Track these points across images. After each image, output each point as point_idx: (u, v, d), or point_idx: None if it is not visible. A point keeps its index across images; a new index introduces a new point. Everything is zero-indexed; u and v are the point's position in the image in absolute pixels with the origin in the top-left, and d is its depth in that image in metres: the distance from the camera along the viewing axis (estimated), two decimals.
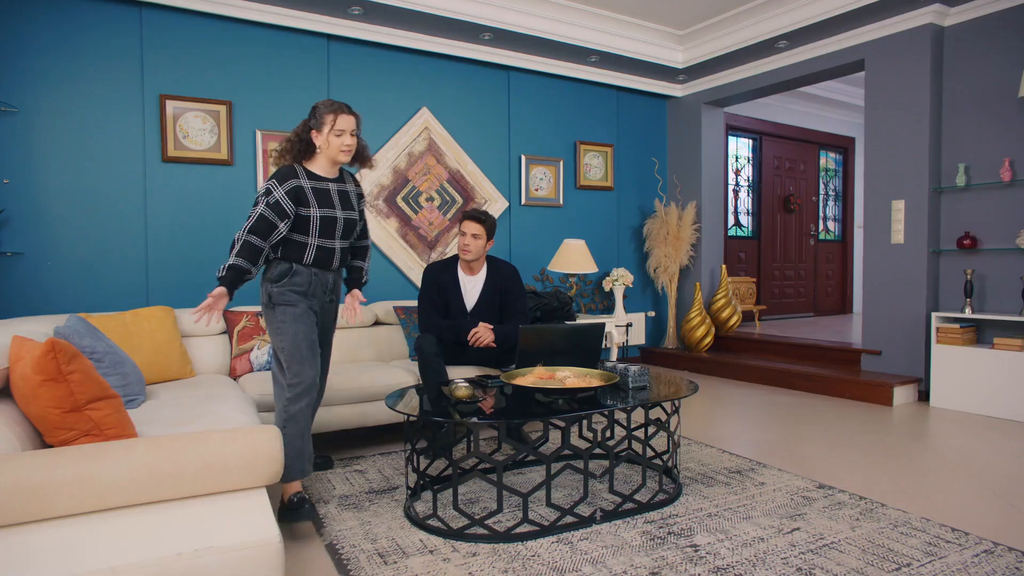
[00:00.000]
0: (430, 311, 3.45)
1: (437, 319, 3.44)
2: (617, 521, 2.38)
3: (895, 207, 4.62)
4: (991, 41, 4.24)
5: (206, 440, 1.79)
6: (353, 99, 4.64)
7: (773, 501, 2.58)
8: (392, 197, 4.80)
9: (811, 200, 8.31)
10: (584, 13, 4.99)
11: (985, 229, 4.31)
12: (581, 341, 2.85)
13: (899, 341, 4.64)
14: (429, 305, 3.46)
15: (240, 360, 3.44)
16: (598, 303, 5.86)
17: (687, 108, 6.23)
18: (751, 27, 5.05)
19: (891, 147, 4.66)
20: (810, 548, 2.14)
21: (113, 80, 3.90)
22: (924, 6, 4.34)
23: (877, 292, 4.77)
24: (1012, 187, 4.17)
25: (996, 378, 4.01)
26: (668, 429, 2.64)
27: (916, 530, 2.28)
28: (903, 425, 3.84)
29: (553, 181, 5.61)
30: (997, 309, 4.25)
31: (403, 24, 4.56)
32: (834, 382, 4.68)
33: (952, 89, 4.45)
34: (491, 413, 2.39)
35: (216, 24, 4.17)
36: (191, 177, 4.13)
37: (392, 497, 2.66)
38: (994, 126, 4.24)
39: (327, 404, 3.22)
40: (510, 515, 2.40)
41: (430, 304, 3.46)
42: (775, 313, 7.91)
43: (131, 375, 2.61)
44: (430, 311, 3.45)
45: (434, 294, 3.47)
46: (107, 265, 3.91)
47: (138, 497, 1.68)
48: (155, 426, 2.18)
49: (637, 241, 6.21)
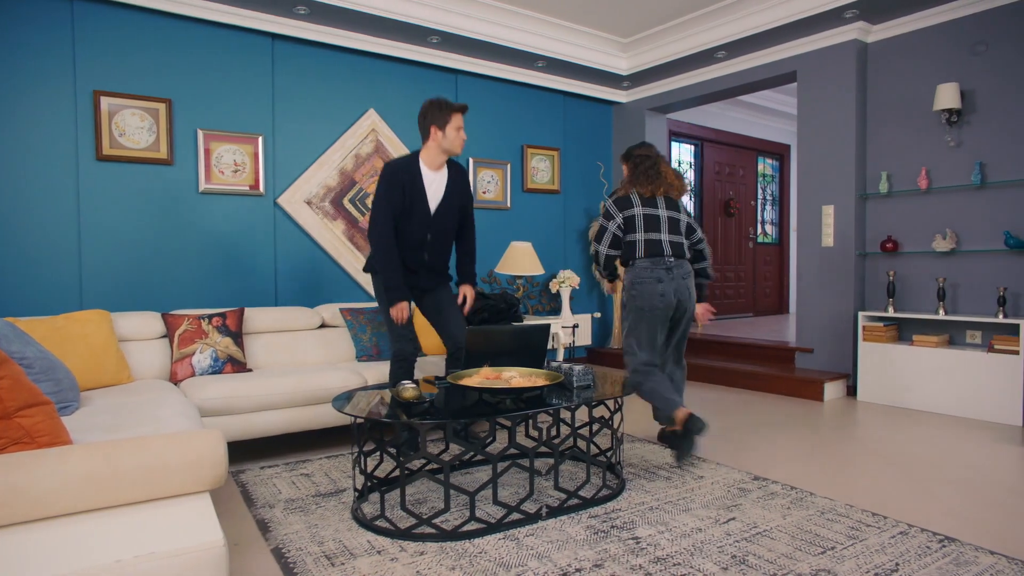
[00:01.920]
0: (389, 223, 3.04)
1: (393, 240, 3.07)
2: (562, 517, 2.44)
3: (825, 212, 4.87)
4: (910, 57, 4.53)
5: (146, 445, 1.76)
6: (298, 100, 4.60)
7: (711, 493, 2.69)
8: (339, 199, 4.76)
9: (750, 204, 8.63)
10: (531, 19, 5.07)
11: (905, 233, 4.59)
12: (527, 342, 2.91)
13: (829, 339, 4.89)
14: (389, 213, 3.04)
15: (181, 364, 3.35)
16: (545, 304, 5.95)
17: (632, 114, 6.39)
18: (692, 37, 5.24)
19: (821, 155, 4.91)
20: (744, 536, 2.26)
21: (43, 75, 3.75)
22: (849, 23, 4.60)
23: (809, 292, 5.02)
24: (928, 195, 4.46)
25: (915, 373, 4.28)
26: (611, 427, 2.73)
27: (841, 516, 2.43)
28: (832, 419, 4.06)
29: (500, 184, 5.67)
30: (916, 308, 4.54)
31: (350, 25, 4.54)
32: (770, 379, 4.89)
33: (875, 101, 4.73)
34: (438, 414, 2.42)
35: (155, 20, 4.06)
36: (128, 177, 4.00)
37: (339, 499, 2.65)
38: (913, 137, 4.53)
39: (272, 407, 3.19)
40: (457, 514, 2.44)
41: (390, 210, 3.04)
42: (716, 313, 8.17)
43: (64, 381, 2.52)
44: (389, 223, 3.04)
45: (396, 196, 3.05)
46: (37, 268, 3.75)
47: (75, 506, 1.65)
48: (91, 433, 2.12)
49: (583, 243, 6.33)
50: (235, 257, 4.36)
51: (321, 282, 4.72)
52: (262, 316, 3.81)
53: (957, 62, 4.29)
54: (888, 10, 4.39)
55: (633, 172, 3.39)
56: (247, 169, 4.37)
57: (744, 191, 8.55)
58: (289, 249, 4.58)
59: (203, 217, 4.24)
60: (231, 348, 3.48)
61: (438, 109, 3.06)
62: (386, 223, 3.05)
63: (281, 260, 4.55)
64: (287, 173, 4.56)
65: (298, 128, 4.61)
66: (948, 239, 4.29)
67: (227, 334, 3.50)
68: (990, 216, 4.18)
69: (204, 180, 4.21)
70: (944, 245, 4.29)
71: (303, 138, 4.63)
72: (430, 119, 3.06)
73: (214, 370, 3.39)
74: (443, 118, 3.05)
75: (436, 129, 3.05)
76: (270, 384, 3.18)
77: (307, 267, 4.66)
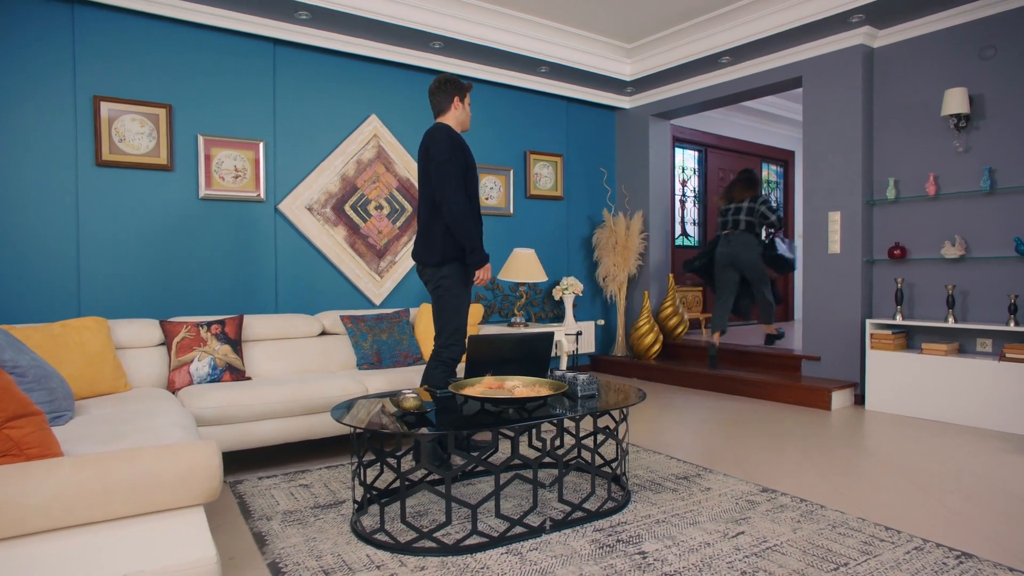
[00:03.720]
0: (462, 186, 2.98)
1: (474, 221, 3.01)
2: (567, 530, 2.38)
3: (832, 218, 4.82)
4: (917, 62, 4.48)
5: (138, 457, 1.71)
6: (300, 105, 4.56)
7: (719, 506, 2.63)
8: (340, 205, 4.72)
9: None
10: (534, 24, 5.04)
11: (913, 240, 4.53)
12: (530, 350, 2.86)
13: (836, 347, 4.83)
14: (461, 176, 2.98)
15: (179, 372, 3.30)
16: (548, 312, 5.89)
17: (635, 120, 6.35)
18: (696, 42, 5.20)
19: (827, 161, 4.86)
20: (754, 551, 2.19)
21: (43, 79, 3.72)
22: (855, 28, 4.56)
23: (816, 300, 4.96)
24: (936, 200, 4.40)
25: (925, 381, 4.21)
26: (616, 437, 2.67)
27: (853, 530, 2.36)
28: (840, 428, 3.99)
29: (503, 190, 5.63)
30: (925, 316, 4.47)
31: (351, 30, 4.51)
32: (776, 387, 4.82)
33: (882, 107, 4.68)
34: (439, 424, 2.36)
35: (156, 25, 4.03)
36: (128, 182, 3.97)
37: (338, 511, 2.59)
38: (920, 142, 4.48)
39: (271, 416, 3.13)
40: (459, 527, 2.38)
41: (461, 174, 2.99)
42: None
43: (58, 390, 2.47)
44: (462, 186, 2.98)
45: (462, 159, 3.01)
46: (36, 274, 3.71)
47: (62, 520, 1.60)
48: (84, 444, 2.06)
49: (586, 250, 6.28)
50: (236, 264, 4.32)
51: (322, 289, 4.67)
52: (262, 323, 3.76)
53: (965, 67, 4.24)
54: (895, 15, 4.35)
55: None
56: (248, 175, 4.34)
57: None
58: (290, 256, 4.54)
59: (203, 224, 4.20)
60: (230, 356, 3.43)
61: (456, 81, 3.15)
62: (460, 186, 2.97)
63: (282, 267, 4.50)
64: (288, 179, 4.53)
65: (299, 133, 4.58)
66: (957, 246, 4.23)
67: (226, 341, 3.45)
68: (1000, 222, 4.11)
69: (204, 186, 4.18)
70: (953, 252, 4.23)
71: (304, 144, 4.60)
72: (452, 90, 3.13)
73: (212, 378, 3.34)
74: (463, 91, 3.16)
75: (458, 99, 3.14)
76: (269, 393, 3.13)
77: (308, 274, 4.61)
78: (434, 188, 3.00)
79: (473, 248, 3.01)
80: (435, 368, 3.08)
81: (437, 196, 2.98)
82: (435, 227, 3.04)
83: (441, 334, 3.09)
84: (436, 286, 3.07)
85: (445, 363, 3.07)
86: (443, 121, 3.13)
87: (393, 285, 4.96)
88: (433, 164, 2.99)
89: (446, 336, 3.08)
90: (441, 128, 3.03)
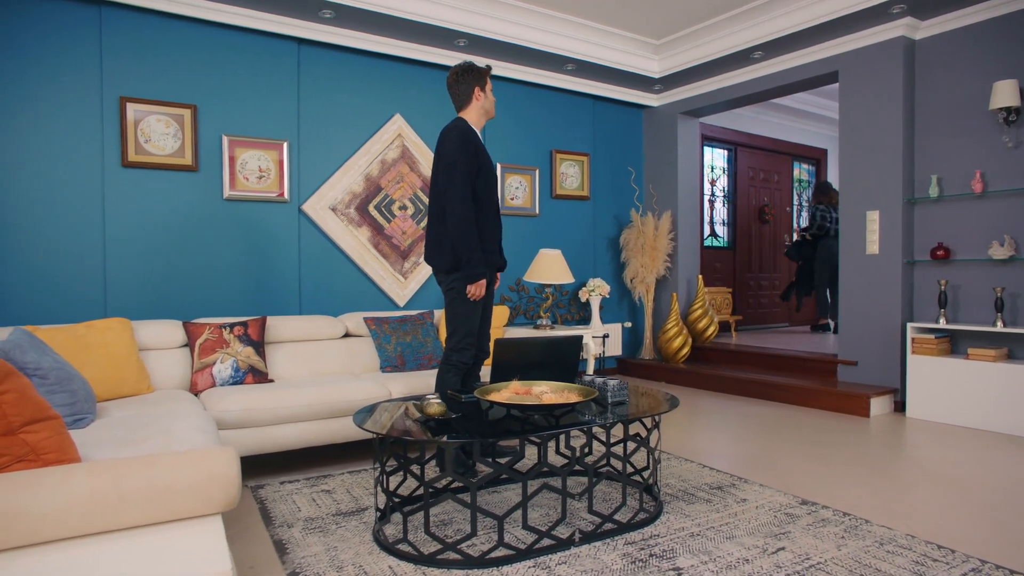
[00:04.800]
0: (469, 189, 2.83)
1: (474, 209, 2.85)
2: (597, 543, 2.28)
3: (870, 218, 4.63)
4: (962, 54, 4.28)
5: (154, 464, 1.65)
6: (324, 105, 4.53)
7: (756, 519, 2.50)
8: (364, 205, 4.67)
9: (785, 211, 8.36)
10: (561, 21, 4.94)
11: (958, 240, 4.33)
12: (558, 354, 2.76)
13: (875, 351, 4.64)
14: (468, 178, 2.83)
15: (202, 374, 3.27)
16: (574, 314, 5.78)
17: (663, 118, 6.21)
18: (727, 37, 5.05)
19: (866, 158, 4.67)
20: (796, 570, 2.06)
21: (70, 81, 3.73)
22: (896, 19, 4.38)
23: (853, 302, 4.77)
24: (983, 199, 4.20)
25: (971, 389, 4.01)
26: (648, 445, 2.56)
27: (903, 548, 2.22)
28: (881, 436, 3.82)
29: (529, 190, 5.54)
30: (971, 320, 4.27)
31: (376, 29, 4.46)
32: (811, 393, 4.65)
33: (924, 101, 4.48)
34: (465, 431, 2.28)
35: (181, 25, 4.02)
36: (153, 183, 3.96)
37: (361, 519, 2.52)
38: (965, 138, 4.28)
39: (293, 420, 3.08)
40: (484, 538, 2.29)
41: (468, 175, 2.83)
42: (751, 323, 7.91)
43: (80, 392, 2.44)
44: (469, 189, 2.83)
45: (473, 161, 2.85)
46: (62, 275, 3.71)
47: (78, 529, 1.55)
48: (102, 448, 2.02)
49: (613, 251, 6.16)
50: (259, 265, 4.29)
51: (345, 290, 4.62)
52: (285, 325, 3.72)
53: (1015, 58, 4.04)
54: (938, 5, 4.16)
55: None
56: (272, 175, 4.31)
57: (779, 197, 8.28)
58: (313, 257, 4.50)
59: (227, 224, 4.18)
60: (252, 358, 3.39)
61: (473, 70, 3.01)
62: (466, 190, 2.82)
63: (305, 268, 4.47)
64: (312, 179, 4.49)
65: (323, 133, 4.54)
66: (1006, 246, 4.02)
67: (249, 343, 3.42)
68: None
69: (228, 187, 4.16)
70: (1002, 252, 4.02)
71: (328, 144, 4.56)
72: (471, 80, 2.99)
73: (235, 380, 3.30)
74: (482, 79, 3.02)
75: (479, 90, 3.01)
76: (291, 396, 3.08)
77: (331, 275, 4.57)
78: (440, 190, 2.92)
79: (468, 260, 2.85)
80: (447, 372, 3.02)
81: (442, 199, 2.91)
82: (444, 230, 2.95)
83: (451, 338, 3.01)
84: (448, 289, 2.99)
85: (456, 367, 3.01)
86: (465, 115, 3.02)
87: (417, 286, 4.90)
88: (442, 165, 2.91)
89: (456, 340, 3.00)
90: (456, 127, 2.93)
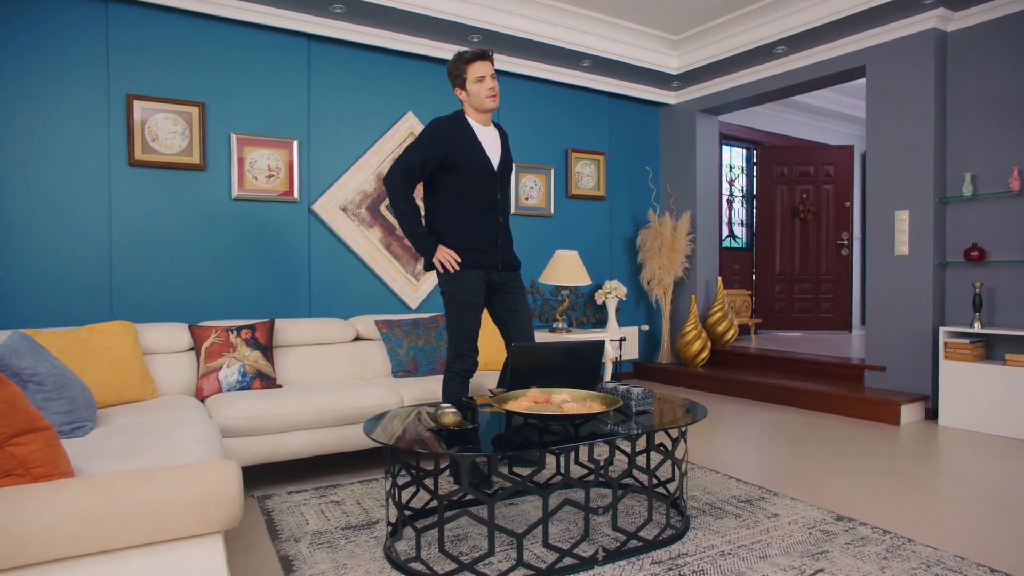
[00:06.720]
0: (404, 172, 2.76)
1: (407, 186, 2.78)
2: (621, 562, 2.14)
3: (899, 217, 4.46)
4: (997, 47, 4.10)
5: (150, 480, 1.54)
6: (335, 103, 4.42)
7: (791, 536, 2.35)
8: (375, 205, 4.56)
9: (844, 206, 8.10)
10: (576, 16, 4.81)
11: (994, 240, 4.15)
12: (578, 360, 2.62)
13: (904, 357, 4.46)
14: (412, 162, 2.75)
15: (207, 379, 3.17)
16: (590, 317, 5.64)
17: (681, 115, 6.06)
18: (748, 32, 4.90)
19: (894, 156, 4.50)
20: None
21: (75, 78, 3.64)
22: (928, 11, 4.21)
23: (880, 306, 4.60)
24: (1021, 197, 4.02)
25: (1009, 396, 3.83)
26: (674, 457, 2.41)
27: (951, 571, 2.06)
28: (914, 446, 3.64)
29: (543, 190, 5.41)
30: (1008, 324, 4.09)
31: (387, 25, 4.35)
32: (837, 399, 4.48)
33: (957, 96, 4.30)
34: (480, 444, 2.14)
35: (189, 21, 3.93)
36: (160, 182, 3.87)
37: (371, 534, 2.40)
38: (1001, 134, 4.10)
39: (302, 428, 2.97)
40: (502, 556, 2.16)
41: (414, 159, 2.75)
42: (770, 327, 7.72)
43: (79, 399, 2.34)
44: (404, 172, 2.76)
45: (430, 151, 2.75)
46: (67, 277, 3.63)
47: (67, 549, 1.43)
48: (99, 459, 1.91)
49: (630, 252, 6.01)
50: (268, 266, 4.19)
51: (356, 292, 4.51)
52: (293, 328, 3.61)
53: None
54: None
55: None
56: (281, 175, 4.21)
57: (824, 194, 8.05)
58: (324, 258, 4.39)
59: (236, 225, 4.08)
60: (260, 362, 3.28)
61: (453, 66, 2.82)
62: (405, 170, 2.77)
63: (315, 269, 4.36)
64: (322, 179, 4.39)
65: (334, 132, 4.43)
66: None
67: (256, 347, 3.31)
68: None
69: (237, 186, 4.06)
70: None
71: (339, 142, 4.45)
72: (452, 81, 2.86)
73: (242, 386, 3.19)
74: (459, 75, 2.81)
75: (459, 90, 2.85)
76: (300, 402, 2.96)
77: (342, 277, 4.46)
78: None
79: (413, 243, 2.85)
80: (449, 381, 2.89)
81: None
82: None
83: (450, 344, 2.89)
84: (441, 292, 2.89)
85: (458, 375, 2.87)
86: (462, 109, 2.91)
87: (429, 288, 4.78)
88: None
89: (455, 347, 2.87)
90: (439, 119, 2.85)
